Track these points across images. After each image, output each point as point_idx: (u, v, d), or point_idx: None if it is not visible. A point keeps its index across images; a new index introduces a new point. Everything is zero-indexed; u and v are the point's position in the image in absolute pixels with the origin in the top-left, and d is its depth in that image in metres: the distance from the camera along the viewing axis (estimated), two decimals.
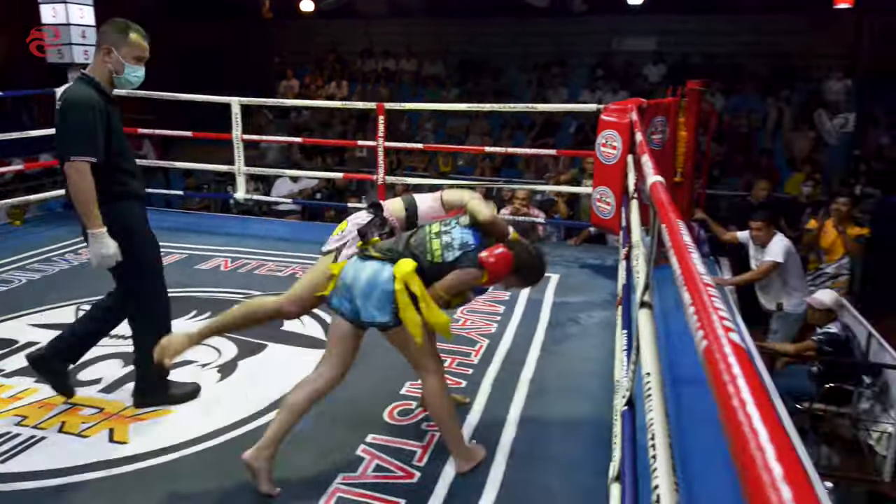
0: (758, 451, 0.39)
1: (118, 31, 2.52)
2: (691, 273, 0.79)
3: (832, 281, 5.23)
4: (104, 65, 2.53)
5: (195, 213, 7.19)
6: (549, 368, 3.10)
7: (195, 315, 3.68)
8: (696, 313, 0.66)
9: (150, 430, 2.56)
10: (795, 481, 0.36)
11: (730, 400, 0.47)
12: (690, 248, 0.91)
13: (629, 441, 1.52)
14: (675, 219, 1.15)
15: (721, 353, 0.54)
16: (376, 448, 2.44)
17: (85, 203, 2.42)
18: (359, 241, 2.32)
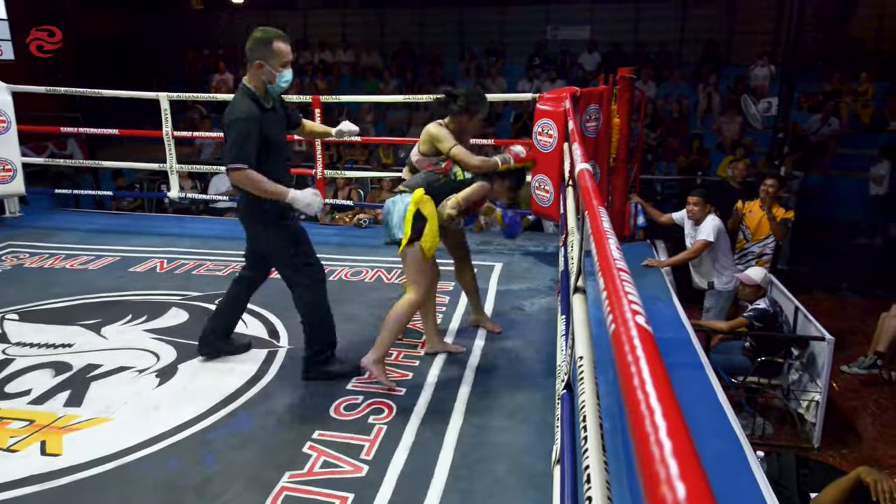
0: (651, 427, 0.42)
1: (263, 44, 2.70)
2: (607, 258, 0.83)
3: (757, 260, 5.48)
4: (258, 77, 2.73)
5: (128, 214, 6.94)
6: (494, 356, 3.15)
7: (130, 319, 3.56)
8: (608, 297, 0.69)
9: (86, 441, 2.48)
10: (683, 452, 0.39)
11: (631, 379, 0.50)
12: (609, 235, 0.95)
13: (568, 424, 1.57)
14: (598, 205, 1.19)
15: (627, 335, 0.57)
16: (323, 444, 2.43)
17: (265, 191, 2.68)
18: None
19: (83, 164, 7.18)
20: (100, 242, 5.04)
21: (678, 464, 0.38)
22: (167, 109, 5.44)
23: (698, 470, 0.38)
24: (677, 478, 0.36)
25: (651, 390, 0.46)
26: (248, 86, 2.73)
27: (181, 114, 10.94)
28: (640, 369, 0.50)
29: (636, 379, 0.49)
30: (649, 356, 0.52)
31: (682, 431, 0.42)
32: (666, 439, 0.40)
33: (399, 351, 3.18)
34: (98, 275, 4.33)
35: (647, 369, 0.50)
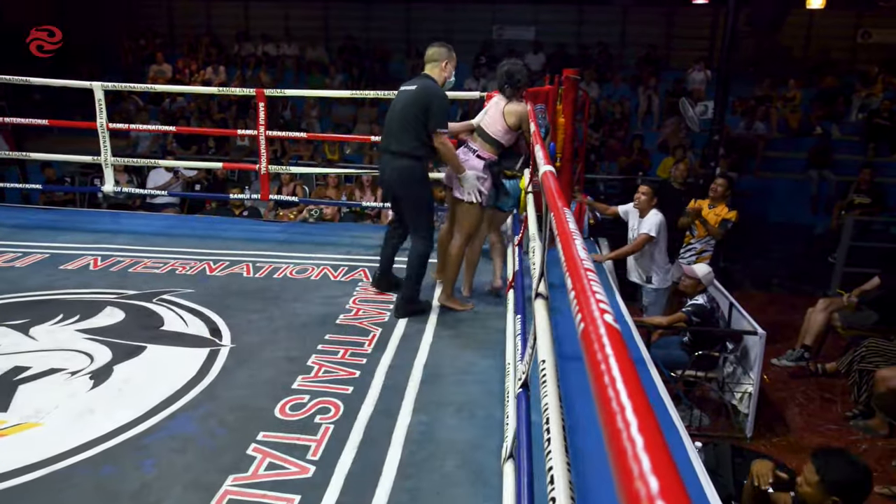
0: (623, 422, 0.42)
1: (448, 52, 3.65)
2: (574, 259, 0.83)
3: (698, 256, 5.69)
4: (441, 73, 3.61)
5: (58, 209, 6.61)
6: (442, 353, 3.15)
7: (61, 319, 3.39)
8: (576, 297, 0.69)
9: (15, 447, 2.34)
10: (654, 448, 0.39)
11: (602, 377, 0.50)
12: (575, 236, 0.96)
13: (525, 422, 1.58)
14: (563, 207, 1.20)
15: (596, 334, 0.57)
16: (268, 445, 2.38)
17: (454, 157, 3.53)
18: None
19: (9, 155, 6.78)
20: (27, 238, 4.78)
21: (650, 459, 0.38)
22: (101, 100, 5.20)
23: (670, 464, 0.38)
24: (650, 472, 0.37)
25: (622, 388, 0.46)
26: (432, 78, 3.59)
27: (116, 105, 10.49)
28: (610, 367, 0.50)
29: (606, 377, 0.49)
30: (618, 354, 0.53)
31: (654, 427, 0.42)
32: (637, 435, 0.40)
33: (346, 349, 3.14)
34: (25, 272, 4.10)
35: (616, 367, 0.50)
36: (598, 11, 13.77)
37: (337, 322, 3.46)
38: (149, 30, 14.40)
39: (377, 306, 3.69)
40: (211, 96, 11.09)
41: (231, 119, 11.01)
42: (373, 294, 3.87)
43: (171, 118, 10.96)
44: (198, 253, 4.56)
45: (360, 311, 3.61)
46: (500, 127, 3.56)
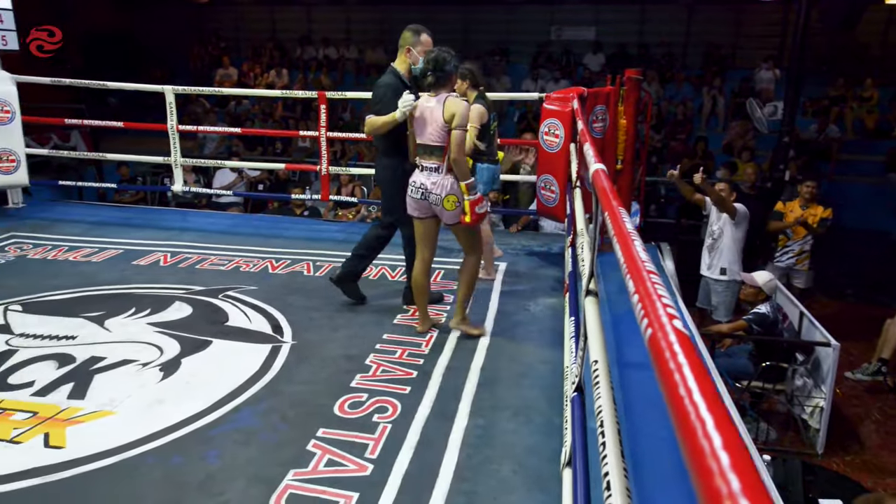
0: (705, 439, 0.41)
1: (414, 35, 3.43)
2: (634, 261, 0.81)
3: (797, 258, 5.61)
4: (405, 60, 3.43)
5: (130, 207, 6.93)
6: (499, 356, 3.14)
7: (134, 312, 3.55)
8: (639, 301, 0.67)
9: (90, 434, 2.46)
10: (741, 466, 0.38)
11: (676, 389, 0.48)
12: (633, 236, 0.93)
13: (579, 426, 1.55)
14: (617, 206, 1.18)
15: (666, 341, 0.56)
16: (328, 442, 2.42)
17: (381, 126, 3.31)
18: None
19: (86, 156, 7.16)
20: (103, 235, 5.02)
21: (739, 479, 0.36)
22: (172, 103, 5.42)
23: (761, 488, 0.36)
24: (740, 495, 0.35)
25: (699, 400, 0.45)
26: (394, 67, 3.48)
27: (184, 108, 10.92)
28: (685, 377, 0.49)
29: (681, 388, 0.47)
30: (692, 363, 0.51)
31: (739, 445, 0.40)
32: (722, 453, 0.39)
33: (403, 349, 3.17)
34: (101, 267, 4.32)
35: (692, 377, 0.49)
36: (661, 10, 13.44)
37: (394, 322, 3.50)
38: (216, 35, 14.92)
39: (433, 307, 3.70)
40: (274, 99, 11.40)
41: (294, 121, 11.30)
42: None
43: (236, 120, 11.34)
44: (261, 251, 4.69)
45: (416, 312, 3.63)
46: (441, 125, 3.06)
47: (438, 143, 3.07)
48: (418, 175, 3.16)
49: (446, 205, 3.09)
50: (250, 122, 11.28)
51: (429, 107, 3.10)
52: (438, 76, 3.07)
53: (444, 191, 3.09)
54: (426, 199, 3.13)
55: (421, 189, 3.13)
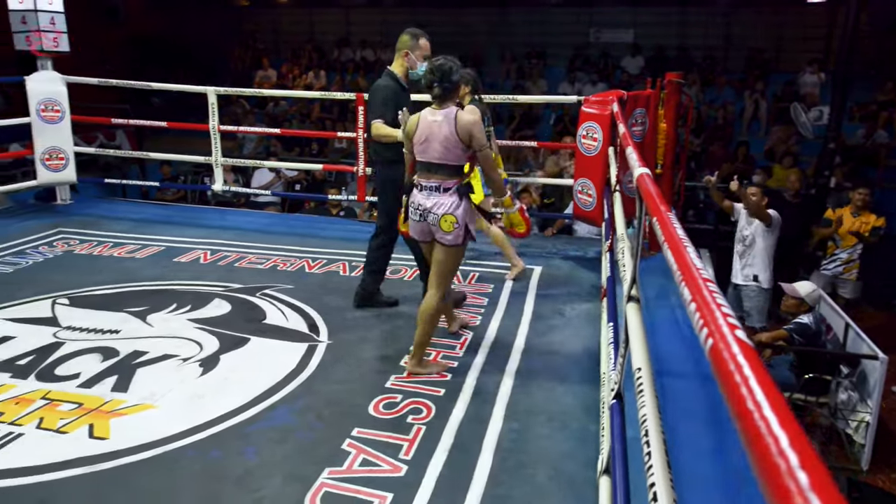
0: (780, 457, 0.39)
1: (413, 39, 3.41)
2: (689, 268, 0.80)
3: (844, 266, 5.47)
4: (403, 64, 3.43)
5: (172, 205, 7.08)
6: (533, 360, 3.12)
7: (175, 308, 3.63)
8: (697, 310, 0.66)
9: (132, 426, 2.52)
10: (821, 485, 0.36)
11: (744, 403, 0.47)
12: (686, 242, 0.91)
13: (618, 434, 1.53)
14: (666, 211, 1.15)
15: (729, 352, 0.54)
16: (362, 442, 2.43)
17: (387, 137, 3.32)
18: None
19: (131, 154, 7.35)
20: (146, 232, 5.15)
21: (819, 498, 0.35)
22: (214, 104, 5.52)
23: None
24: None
25: (770, 415, 0.43)
26: (391, 70, 3.45)
27: (225, 108, 11.14)
28: (752, 390, 0.47)
29: (749, 401, 0.46)
30: (760, 377, 0.49)
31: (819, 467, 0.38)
32: (801, 473, 0.37)
33: (438, 351, 3.17)
34: (144, 264, 4.43)
35: (760, 391, 0.47)
36: (701, 12, 13.21)
37: None
38: (254, 37, 15.19)
39: (469, 309, 3.70)
40: (312, 100, 11.55)
41: (331, 122, 11.42)
42: None
43: (274, 121, 11.52)
44: (297, 250, 4.75)
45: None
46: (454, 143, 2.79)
47: (443, 161, 2.81)
48: (418, 195, 2.88)
49: (443, 225, 2.82)
50: (288, 122, 11.45)
51: (434, 121, 2.81)
52: (445, 87, 2.81)
53: (442, 209, 2.82)
54: (425, 219, 2.87)
55: (420, 210, 2.87)
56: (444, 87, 2.81)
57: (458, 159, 2.82)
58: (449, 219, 2.81)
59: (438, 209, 2.82)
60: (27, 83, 5.51)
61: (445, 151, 2.80)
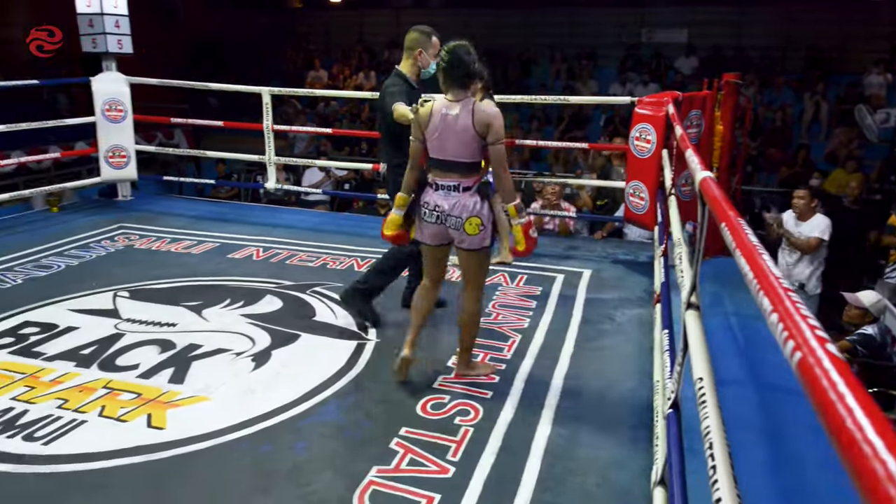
0: (889, 482, 0.37)
1: (425, 38, 3.28)
2: (767, 277, 0.76)
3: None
4: (415, 63, 3.29)
5: (226, 203, 7.25)
6: (583, 365, 3.07)
7: (229, 304, 3.72)
8: (780, 321, 0.63)
9: (187, 417, 2.60)
10: None
11: (842, 422, 0.44)
12: (760, 249, 0.88)
13: (675, 445, 1.49)
14: (735, 216, 1.12)
15: (821, 368, 0.52)
16: (410, 441, 2.44)
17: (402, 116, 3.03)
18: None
19: (189, 153, 7.58)
20: (201, 228, 5.30)
21: None
22: (268, 104, 5.64)
23: None
24: None
25: (875, 439, 0.41)
26: (400, 70, 3.34)
27: (277, 108, 11.36)
28: (851, 410, 0.45)
29: (849, 421, 0.44)
30: (857, 394, 0.47)
31: None
32: None
33: (485, 353, 3.15)
34: (200, 259, 4.55)
35: (860, 411, 0.45)
36: (760, 11, 12.82)
37: None
38: (306, 39, 15.47)
39: (516, 312, 3.67)
40: (362, 100, 11.68)
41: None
42: (512, 299, 3.86)
43: (325, 121, 11.70)
44: (346, 249, 4.80)
45: (499, 316, 3.61)
46: (471, 138, 2.57)
47: (461, 158, 2.60)
48: (433, 195, 2.67)
49: (468, 228, 2.62)
50: (338, 122, 11.62)
51: (450, 114, 2.57)
52: (463, 75, 2.56)
53: (465, 212, 2.61)
54: (443, 222, 2.66)
55: (436, 212, 2.66)
56: (461, 75, 2.56)
57: (474, 155, 2.61)
58: (474, 221, 2.63)
59: (461, 212, 2.62)
60: (93, 84, 5.74)
61: (462, 147, 2.58)
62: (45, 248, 4.67)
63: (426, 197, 2.70)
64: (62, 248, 4.69)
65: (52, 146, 8.21)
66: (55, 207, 5.82)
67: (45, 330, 3.34)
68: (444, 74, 2.59)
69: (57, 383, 2.82)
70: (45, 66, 11.30)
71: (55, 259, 4.47)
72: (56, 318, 3.48)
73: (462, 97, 2.58)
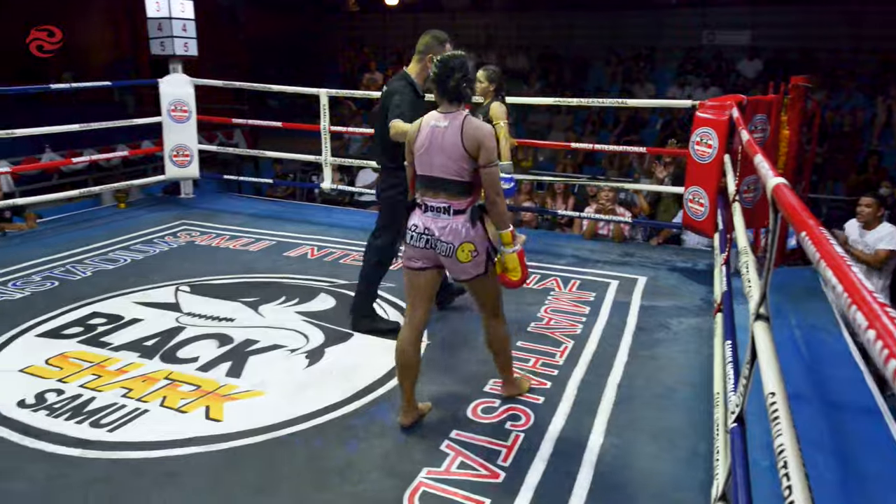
0: None
1: (438, 43, 3.17)
2: (858, 290, 0.72)
3: None
4: (424, 68, 3.18)
5: (282, 202, 7.42)
6: (637, 374, 3.00)
7: (284, 301, 3.79)
8: (879, 338, 0.59)
9: (243, 411, 2.66)
10: None
11: None
12: (848, 261, 0.83)
13: (741, 461, 1.44)
14: (817, 226, 1.06)
15: None
16: (460, 444, 2.43)
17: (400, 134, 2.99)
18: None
19: (248, 153, 7.78)
20: (259, 226, 5.43)
21: None
22: (326, 105, 5.73)
23: None
24: None
25: None
26: (407, 73, 3.25)
27: (332, 109, 11.55)
28: None
29: None
30: None
31: None
32: None
33: (537, 358, 3.12)
34: (256, 256, 4.66)
35: None
36: (828, 12, 12.30)
37: (528, 329, 3.45)
38: (360, 41, 15.69)
39: (569, 317, 3.62)
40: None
41: None
42: (565, 305, 3.81)
43: None
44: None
45: (551, 321, 3.57)
46: (460, 156, 2.36)
47: (449, 175, 2.38)
48: (421, 217, 2.45)
49: (461, 256, 2.39)
50: None
51: (439, 128, 2.39)
52: (454, 88, 2.37)
53: (457, 238, 2.38)
54: (432, 247, 2.44)
55: (425, 236, 2.43)
56: (453, 88, 2.37)
57: (462, 174, 2.38)
58: (467, 247, 2.39)
59: (450, 237, 2.39)
60: (160, 85, 5.96)
61: (449, 164, 2.37)
62: (113, 243, 4.87)
63: (413, 219, 2.47)
64: (128, 243, 4.88)
65: (120, 145, 8.57)
66: (122, 204, 6.07)
67: (111, 321, 3.48)
68: (435, 86, 2.43)
69: (122, 373, 2.93)
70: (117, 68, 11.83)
71: (122, 253, 4.65)
72: (122, 310, 3.62)
73: (453, 110, 2.40)
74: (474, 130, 2.35)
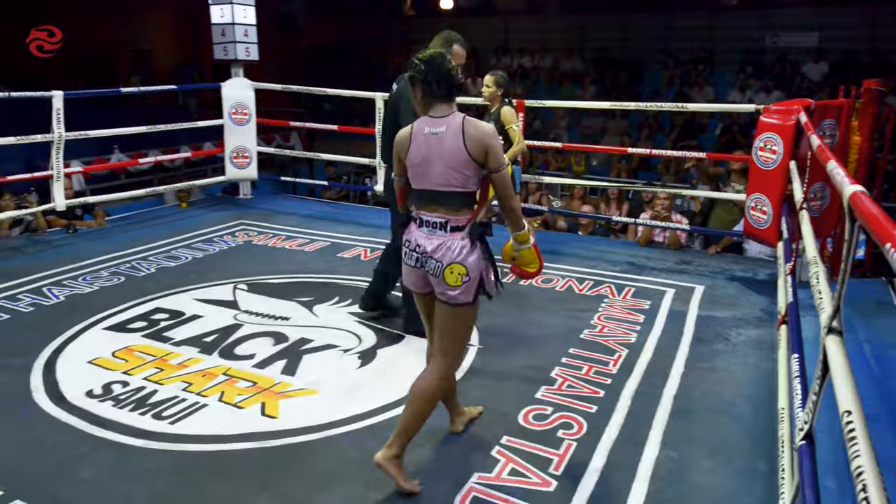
0: None
1: (445, 44, 3.12)
2: None
3: None
4: None
5: (335, 203, 7.54)
6: (694, 386, 2.92)
7: (337, 301, 3.85)
8: None
9: (298, 408, 2.70)
10: None
11: None
12: None
13: (811, 482, 1.38)
14: None
15: None
16: (512, 451, 2.42)
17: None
18: None
19: (304, 155, 7.95)
20: (313, 227, 5.53)
21: None
22: (381, 108, 5.79)
23: None
24: None
25: None
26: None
27: None
28: None
29: None
30: None
31: None
32: None
33: (590, 366, 3.07)
34: (311, 257, 4.75)
35: None
36: None
37: (581, 337, 3.40)
38: (415, 46, 15.81)
39: (623, 325, 3.55)
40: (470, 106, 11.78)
41: None
42: (619, 313, 3.74)
43: None
44: None
45: (604, 329, 3.51)
46: (463, 162, 2.11)
47: (449, 187, 2.13)
48: (415, 232, 2.20)
49: (448, 277, 2.13)
50: None
51: (435, 135, 2.13)
52: (447, 85, 2.13)
53: (447, 257, 2.13)
54: (423, 265, 2.19)
55: (416, 253, 2.20)
56: (446, 85, 2.13)
57: (466, 184, 2.14)
58: (456, 269, 2.13)
59: (443, 255, 2.14)
60: (223, 89, 6.15)
61: (451, 174, 2.11)
62: (175, 241, 5.05)
63: (408, 234, 2.24)
64: (189, 241, 5.05)
65: (183, 146, 8.87)
66: (184, 203, 6.28)
67: (173, 316, 3.60)
68: (423, 88, 2.15)
69: (183, 367, 3.03)
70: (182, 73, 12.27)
71: (183, 251, 4.82)
72: (183, 306, 3.74)
73: (446, 113, 2.15)
74: (477, 132, 2.10)
